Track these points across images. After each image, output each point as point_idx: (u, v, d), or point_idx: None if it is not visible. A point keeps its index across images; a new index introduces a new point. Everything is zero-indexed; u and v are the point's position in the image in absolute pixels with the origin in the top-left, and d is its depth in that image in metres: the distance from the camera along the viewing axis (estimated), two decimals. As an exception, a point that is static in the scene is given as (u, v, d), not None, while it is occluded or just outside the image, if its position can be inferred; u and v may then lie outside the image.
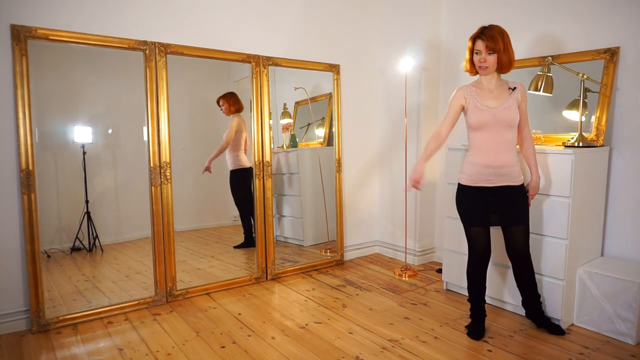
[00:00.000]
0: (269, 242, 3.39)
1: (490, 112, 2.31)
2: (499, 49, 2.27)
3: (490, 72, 2.34)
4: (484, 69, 2.32)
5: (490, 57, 2.29)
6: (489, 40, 2.26)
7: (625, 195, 2.68)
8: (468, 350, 2.33)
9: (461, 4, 3.55)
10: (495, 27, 2.29)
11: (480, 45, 2.28)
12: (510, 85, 2.37)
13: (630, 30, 2.63)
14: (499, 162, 2.32)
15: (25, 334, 2.53)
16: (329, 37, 3.69)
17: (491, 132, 2.32)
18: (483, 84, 2.39)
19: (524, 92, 2.38)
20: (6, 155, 2.49)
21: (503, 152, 2.32)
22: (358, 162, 3.97)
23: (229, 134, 3.52)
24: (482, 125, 2.33)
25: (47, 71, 2.73)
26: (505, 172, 2.34)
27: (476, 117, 2.33)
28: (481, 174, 2.35)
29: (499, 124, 2.30)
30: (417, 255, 3.78)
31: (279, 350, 2.34)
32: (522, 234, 2.41)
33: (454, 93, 2.43)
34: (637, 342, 2.37)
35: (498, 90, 2.36)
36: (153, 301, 2.91)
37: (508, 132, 2.32)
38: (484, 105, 2.33)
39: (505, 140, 2.32)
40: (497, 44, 2.27)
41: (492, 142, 2.33)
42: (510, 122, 2.31)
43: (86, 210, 2.99)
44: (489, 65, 2.30)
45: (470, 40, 2.34)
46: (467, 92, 2.38)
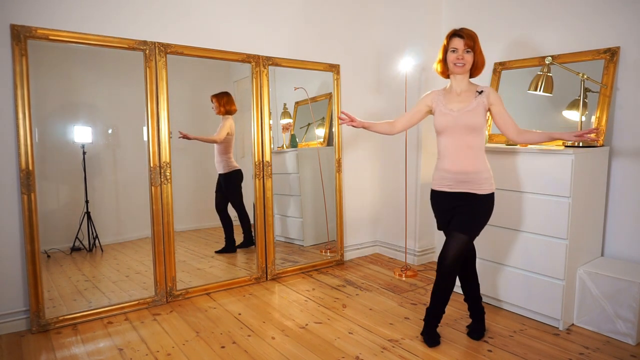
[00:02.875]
0: (269, 242, 3.39)
1: (452, 115, 2.26)
2: (477, 48, 2.26)
3: (465, 72, 2.29)
4: (460, 67, 2.26)
5: (468, 56, 2.25)
6: (467, 38, 2.24)
7: (625, 196, 2.68)
8: (468, 350, 2.33)
9: (462, 4, 3.55)
10: (469, 29, 2.29)
11: (458, 43, 2.24)
12: (479, 89, 2.30)
13: (630, 30, 2.63)
14: (457, 168, 2.26)
15: (25, 334, 2.53)
16: (329, 37, 3.69)
17: (452, 136, 2.27)
18: (453, 88, 2.34)
19: (493, 94, 2.28)
20: (6, 155, 2.49)
21: (464, 157, 2.25)
22: (358, 162, 3.97)
23: (221, 133, 3.46)
24: (444, 128, 2.28)
25: (47, 71, 2.73)
26: (466, 179, 2.25)
27: (439, 120, 2.30)
28: (443, 178, 2.31)
29: (459, 128, 2.24)
30: (417, 255, 3.78)
31: (279, 350, 2.34)
32: (454, 243, 2.25)
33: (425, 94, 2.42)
34: (637, 342, 2.37)
35: (466, 93, 2.31)
36: (153, 301, 2.91)
37: (470, 136, 2.24)
38: (448, 109, 2.29)
39: (467, 145, 2.24)
40: (475, 43, 2.26)
41: (453, 147, 2.27)
42: (472, 126, 2.23)
43: (86, 210, 2.98)
44: (466, 63, 2.25)
45: (445, 38, 2.30)
46: (436, 96, 2.36)
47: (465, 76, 2.32)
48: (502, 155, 2.73)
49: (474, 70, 2.32)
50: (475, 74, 2.34)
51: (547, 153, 2.52)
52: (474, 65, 2.30)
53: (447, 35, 2.30)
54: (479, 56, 2.29)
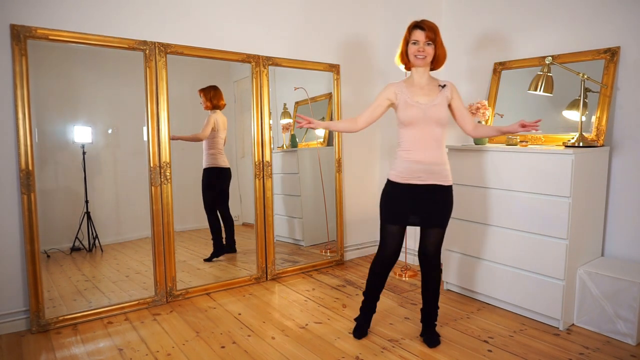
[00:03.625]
0: (269, 242, 3.39)
1: (420, 108, 2.28)
2: (438, 41, 2.28)
3: (426, 64, 2.30)
4: (421, 59, 2.27)
5: (429, 48, 2.26)
6: (429, 30, 2.25)
7: (625, 195, 2.68)
8: (468, 350, 2.33)
9: (462, 4, 3.55)
10: (430, 21, 2.30)
11: (419, 35, 2.26)
12: (440, 83, 2.35)
13: (630, 30, 2.63)
14: (429, 159, 2.28)
15: (25, 334, 2.53)
16: (329, 37, 3.69)
17: (421, 128, 2.28)
18: (414, 80, 2.35)
19: (454, 89, 2.36)
20: (6, 155, 2.49)
21: (433, 149, 2.29)
22: (358, 162, 3.97)
23: (205, 129, 3.36)
24: (412, 121, 2.28)
25: (47, 71, 2.73)
26: (436, 170, 2.29)
27: (406, 113, 2.29)
28: (412, 170, 2.30)
29: (428, 121, 2.27)
30: (417, 255, 3.77)
31: (279, 350, 2.34)
32: (435, 238, 2.35)
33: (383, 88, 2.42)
34: (637, 342, 2.37)
35: (429, 87, 2.34)
36: (153, 301, 2.91)
37: (437, 129, 2.29)
38: (414, 101, 2.29)
39: (435, 138, 2.29)
40: (437, 35, 2.27)
41: (422, 139, 2.29)
42: (439, 120, 2.28)
43: (86, 210, 2.98)
44: (427, 55, 2.27)
45: (407, 30, 2.31)
46: (398, 88, 2.35)
47: (426, 69, 2.34)
48: (502, 155, 2.73)
49: (435, 63, 2.34)
50: (437, 67, 2.37)
51: (547, 153, 2.52)
52: (435, 58, 2.32)
53: (408, 27, 2.32)
54: (440, 49, 2.30)
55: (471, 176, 2.91)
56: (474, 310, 2.82)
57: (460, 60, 3.58)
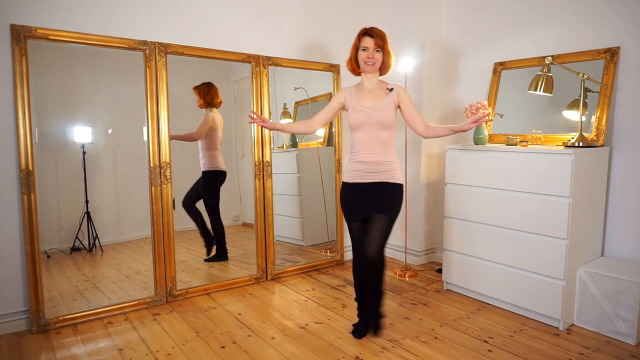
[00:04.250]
0: (269, 242, 3.39)
1: (365, 112, 2.36)
2: (386, 48, 2.36)
3: (376, 70, 2.39)
4: (370, 66, 2.35)
5: (378, 55, 2.35)
6: (378, 37, 2.34)
7: (625, 195, 2.68)
8: (468, 350, 2.33)
9: (462, 4, 3.55)
10: (379, 29, 2.38)
11: (369, 42, 2.34)
12: (389, 87, 2.41)
13: (630, 30, 2.63)
14: (373, 160, 2.36)
15: (25, 334, 2.53)
16: (329, 37, 3.69)
17: (367, 131, 2.36)
18: (364, 85, 2.44)
19: (403, 92, 2.41)
20: (6, 155, 2.49)
21: (378, 150, 2.36)
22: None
23: (200, 129, 3.29)
24: (358, 124, 2.37)
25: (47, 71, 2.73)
26: (381, 170, 2.36)
27: (353, 117, 2.38)
28: (359, 170, 2.38)
29: (373, 124, 2.34)
30: (417, 255, 3.78)
31: (279, 350, 2.34)
32: (378, 231, 2.34)
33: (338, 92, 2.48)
34: (637, 342, 2.37)
35: (377, 91, 2.42)
36: (153, 301, 2.91)
37: (382, 132, 2.35)
38: (361, 106, 2.38)
39: (380, 140, 2.35)
40: (385, 42, 2.36)
41: (369, 141, 2.36)
42: (384, 122, 2.34)
43: (86, 210, 2.98)
44: (376, 62, 2.35)
45: (356, 37, 2.40)
46: (349, 93, 2.45)
47: (375, 74, 2.43)
48: (502, 155, 2.73)
49: (382, 69, 2.43)
50: (384, 72, 2.45)
51: (547, 153, 2.52)
52: (383, 64, 2.40)
53: (357, 34, 2.41)
54: (388, 56, 2.40)
55: (471, 176, 2.91)
56: (474, 310, 2.82)
57: (461, 60, 3.59)
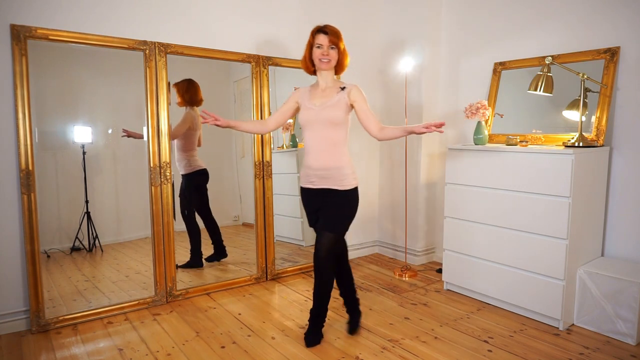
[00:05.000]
0: (269, 242, 3.38)
1: (314, 110, 2.31)
2: (341, 46, 2.32)
3: (330, 68, 2.34)
4: (325, 63, 2.30)
5: (332, 52, 2.30)
6: (332, 35, 2.29)
7: (625, 195, 2.68)
8: (468, 350, 2.33)
9: (462, 4, 3.55)
10: (334, 26, 2.34)
11: (323, 39, 2.29)
12: (342, 85, 2.36)
13: (630, 30, 2.63)
14: (319, 163, 2.30)
15: (25, 334, 2.53)
16: (329, 37, 3.68)
17: (314, 130, 2.30)
18: (319, 84, 2.39)
19: (357, 91, 2.34)
20: (6, 155, 2.49)
21: (325, 151, 2.29)
22: (358, 162, 3.96)
23: (178, 128, 3.11)
24: (306, 123, 2.32)
25: (47, 71, 2.73)
26: (327, 175, 2.29)
27: (302, 115, 2.35)
28: (307, 175, 2.35)
29: (320, 122, 2.28)
30: (417, 255, 3.78)
31: (279, 350, 2.34)
32: (326, 242, 2.30)
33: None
34: (637, 342, 2.37)
35: (330, 89, 2.36)
36: (153, 301, 2.91)
37: (331, 131, 2.29)
38: (311, 104, 2.33)
39: (328, 140, 2.29)
40: (340, 40, 2.32)
41: (316, 141, 2.31)
42: (332, 120, 2.27)
43: (86, 210, 2.98)
44: (331, 59, 2.31)
45: (310, 35, 2.34)
46: (302, 92, 2.42)
47: (330, 72, 2.38)
48: (502, 155, 2.73)
49: (338, 67, 2.39)
50: (339, 71, 2.41)
51: (547, 153, 2.52)
52: (339, 62, 2.36)
53: (311, 31, 2.35)
54: (343, 54, 2.36)
55: (471, 176, 2.91)
56: (474, 310, 2.82)
57: (461, 60, 3.59)
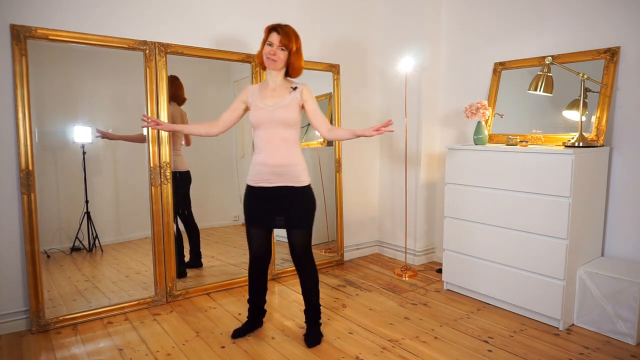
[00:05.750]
0: (269, 242, 3.38)
1: (266, 110, 2.29)
2: (291, 48, 2.28)
3: (278, 68, 2.31)
4: (271, 62, 2.28)
5: (281, 53, 2.27)
6: (284, 35, 2.25)
7: (625, 195, 2.68)
8: (468, 350, 2.33)
9: (462, 4, 3.55)
10: (291, 27, 2.30)
11: (274, 38, 2.26)
12: (293, 85, 2.35)
13: (630, 30, 2.63)
14: (275, 161, 2.29)
15: (25, 334, 2.53)
16: (329, 37, 3.69)
17: (268, 130, 2.29)
18: (268, 83, 2.37)
19: (307, 91, 2.34)
20: (6, 155, 2.49)
21: (280, 150, 2.29)
22: (358, 162, 3.97)
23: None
24: (259, 123, 2.30)
25: (47, 71, 2.73)
26: (283, 172, 2.30)
27: (254, 115, 2.32)
28: (261, 173, 2.32)
29: (274, 122, 2.28)
30: (417, 255, 3.78)
31: (278, 350, 2.34)
32: (300, 238, 2.34)
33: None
34: (637, 342, 2.37)
35: (281, 89, 2.34)
36: (153, 301, 2.90)
37: (284, 131, 2.29)
38: (263, 104, 2.31)
39: (282, 139, 2.29)
40: (291, 42, 2.27)
41: (269, 141, 2.30)
42: (285, 121, 2.28)
43: (86, 210, 2.98)
44: (278, 60, 2.27)
45: (265, 31, 2.31)
46: (251, 91, 2.39)
47: (280, 73, 2.35)
48: (502, 155, 2.73)
49: (291, 70, 2.35)
50: (293, 74, 2.38)
51: (547, 153, 2.52)
52: (290, 65, 2.32)
53: (265, 28, 2.32)
54: (294, 57, 2.31)
55: (471, 176, 2.91)
56: (474, 310, 2.82)
57: (461, 60, 3.59)
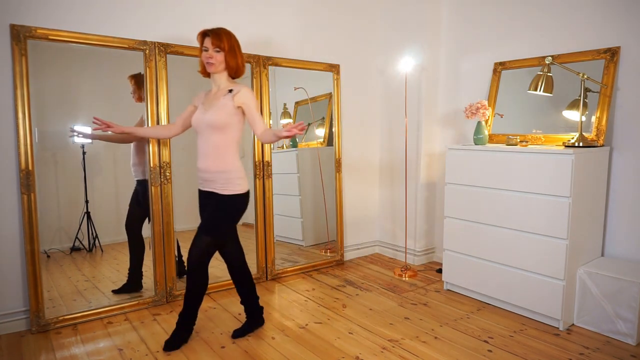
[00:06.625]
0: (269, 242, 3.38)
1: (201, 115, 2.31)
2: (224, 47, 2.29)
3: (218, 70, 2.32)
4: (210, 65, 2.30)
5: (218, 55, 2.29)
6: (215, 37, 2.27)
7: (625, 195, 2.68)
8: (468, 350, 2.33)
9: (462, 4, 3.55)
10: (223, 28, 2.32)
11: (207, 42, 2.29)
12: (230, 88, 2.34)
13: (630, 30, 2.63)
14: (203, 166, 2.32)
15: (25, 334, 2.53)
16: (329, 37, 3.69)
17: (202, 135, 2.32)
18: (212, 87, 2.40)
19: (244, 94, 2.30)
20: (6, 155, 2.49)
21: (208, 155, 2.30)
22: (358, 162, 3.97)
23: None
24: (194, 127, 2.35)
25: (47, 71, 2.73)
26: (209, 178, 2.31)
27: (193, 119, 2.37)
28: (198, 177, 2.39)
29: (204, 126, 2.29)
30: (417, 255, 3.78)
31: (279, 351, 2.34)
32: (198, 240, 2.31)
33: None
34: (637, 342, 2.37)
35: (220, 92, 2.35)
36: (153, 301, 2.90)
37: (214, 135, 2.28)
38: (202, 108, 2.34)
39: (211, 144, 2.29)
40: (223, 42, 2.28)
41: (203, 145, 2.32)
42: (214, 125, 2.26)
43: (86, 210, 2.98)
44: (216, 62, 2.29)
45: (198, 38, 2.33)
46: (201, 95, 2.43)
47: (222, 75, 2.35)
48: (502, 155, 2.73)
49: (229, 70, 2.35)
50: (232, 74, 2.38)
51: (547, 153, 2.52)
52: (228, 66, 2.33)
53: (198, 34, 2.34)
54: (230, 56, 2.31)
55: (471, 176, 2.91)
56: (474, 310, 2.82)
57: (461, 60, 3.59)
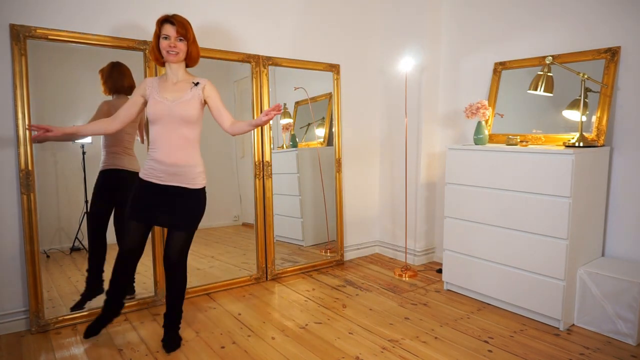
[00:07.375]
0: (269, 242, 3.38)
1: (166, 105, 2.22)
2: (189, 37, 2.24)
3: (180, 60, 2.26)
4: (174, 55, 2.22)
5: (181, 44, 2.23)
6: (179, 25, 2.20)
7: (626, 195, 2.68)
8: (468, 351, 2.33)
9: (462, 4, 3.55)
10: (182, 16, 2.25)
11: (170, 30, 2.20)
12: (195, 80, 2.29)
13: (631, 30, 2.63)
14: (171, 160, 2.23)
15: (25, 334, 2.53)
16: (329, 37, 3.69)
17: (166, 126, 2.22)
18: (168, 76, 2.30)
19: (209, 87, 2.29)
20: (6, 155, 2.49)
21: (178, 149, 2.23)
22: (358, 162, 3.96)
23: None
24: (157, 118, 2.22)
25: (47, 71, 2.73)
26: (178, 172, 2.24)
27: (152, 108, 2.23)
28: (154, 169, 2.25)
29: (174, 118, 2.21)
30: (417, 255, 3.78)
31: (279, 351, 2.34)
32: (179, 241, 2.28)
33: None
34: (637, 343, 2.37)
35: (182, 83, 2.28)
36: (153, 301, 2.90)
37: (185, 128, 2.23)
38: (163, 98, 2.23)
39: (181, 137, 2.23)
40: (188, 31, 2.23)
41: (167, 137, 2.23)
42: (186, 118, 2.22)
43: (86, 210, 2.98)
44: (180, 52, 2.23)
45: (156, 24, 2.24)
46: (150, 83, 2.30)
47: (180, 65, 2.30)
48: (502, 155, 2.73)
49: (188, 60, 2.31)
50: (191, 64, 2.34)
51: (547, 153, 2.52)
52: (189, 55, 2.28)
53: (157, 20, 2.24)
54: (192, 46, 2.28)
55: (471, 176, 2.91)
56: (474, 310, 2.82)
57: (461, 60, 3.58)
